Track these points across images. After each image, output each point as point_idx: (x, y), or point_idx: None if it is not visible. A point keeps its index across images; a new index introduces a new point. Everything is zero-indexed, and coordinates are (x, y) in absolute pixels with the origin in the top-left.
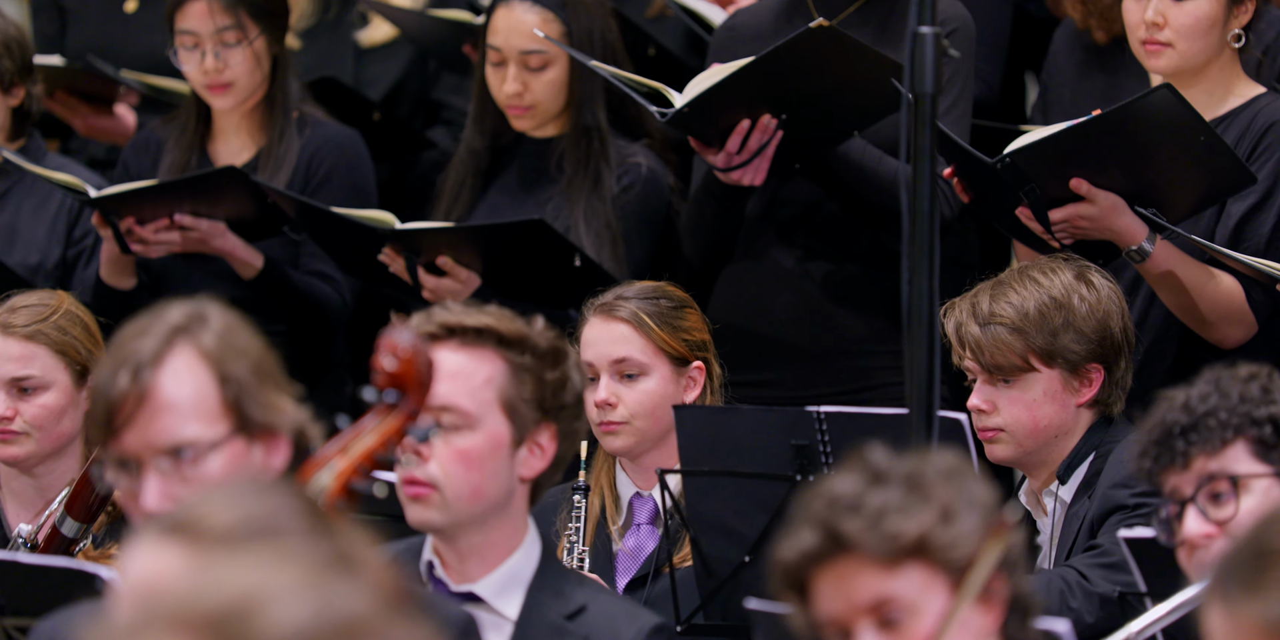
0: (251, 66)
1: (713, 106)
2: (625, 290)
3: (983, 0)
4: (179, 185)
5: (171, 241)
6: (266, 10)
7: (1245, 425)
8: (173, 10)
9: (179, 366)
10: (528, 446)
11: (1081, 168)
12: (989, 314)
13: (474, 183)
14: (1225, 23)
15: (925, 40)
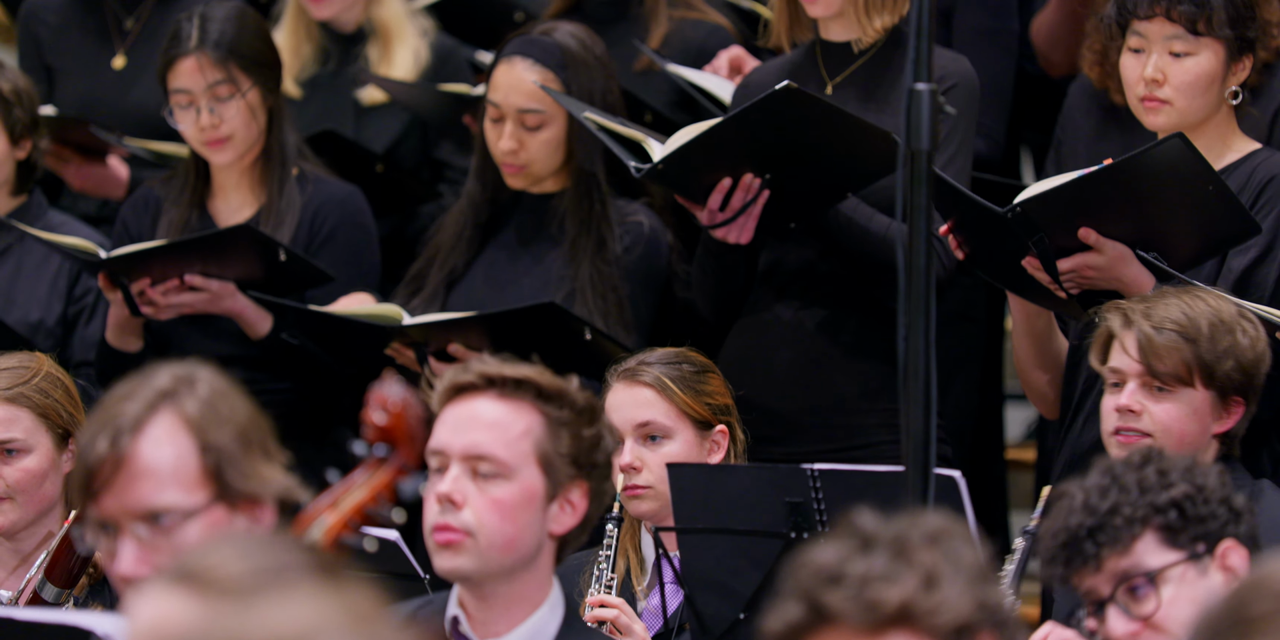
0: (247, 119)
1: (690, 165)
2: (648, 356)
3: (986, 56)
4: (191, 244)
5: (183, 304)
6: (257, 62)
7: (1150, 515)
8: (164, 71)
9: (159, 433)
10: (559, 502)
11: (1090, 217)
12: (1164, 318)
13: (472, 235)
14: (1223, 80)
15: (921, 97)
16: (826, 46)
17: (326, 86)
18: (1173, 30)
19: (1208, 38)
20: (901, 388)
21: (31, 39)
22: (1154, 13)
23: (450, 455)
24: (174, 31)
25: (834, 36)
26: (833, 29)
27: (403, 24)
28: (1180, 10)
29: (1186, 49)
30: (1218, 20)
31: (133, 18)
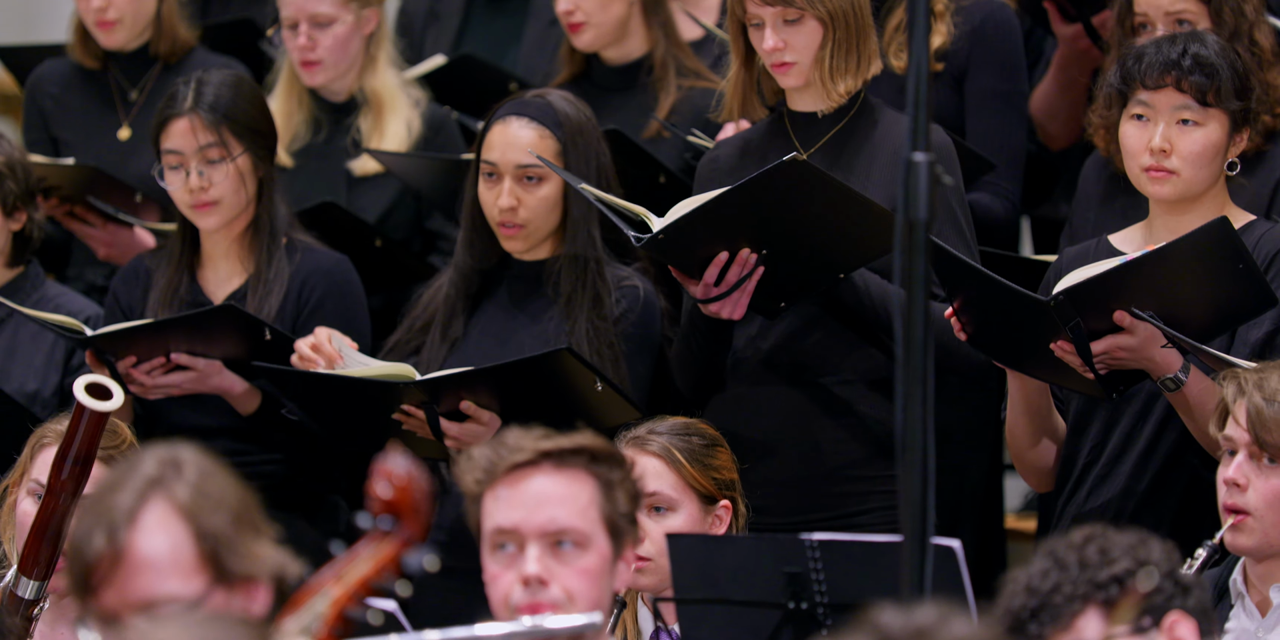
0: (236, 184)
1: (690, 236)
2: (658, 425)
3: (1000, 119)
4: (175, 323)
5: (170, 384)
6: (250, 128)
7: (1091, 592)
8: (157, 132)
9: (153, 523)
10: (623, 560)
11: (1124, 299)
12: (1276, 390)
13: (464, 306)
14: (1225, 151)
15: (919, 167)
16: (795, 116)
17: (318, 156)
18: (1182, 100)
19: (1215, 109)
20: (900, 457)
21: (36, 110)
22: (1163, 83)
23: (526, 534)
24: (171, 94)
25: (803, 107)
26: (802, 99)
27: (395, 93)
28: (1191, 81)
29: (1195, 119)
30: (1225, 92)
31: (137, 89)
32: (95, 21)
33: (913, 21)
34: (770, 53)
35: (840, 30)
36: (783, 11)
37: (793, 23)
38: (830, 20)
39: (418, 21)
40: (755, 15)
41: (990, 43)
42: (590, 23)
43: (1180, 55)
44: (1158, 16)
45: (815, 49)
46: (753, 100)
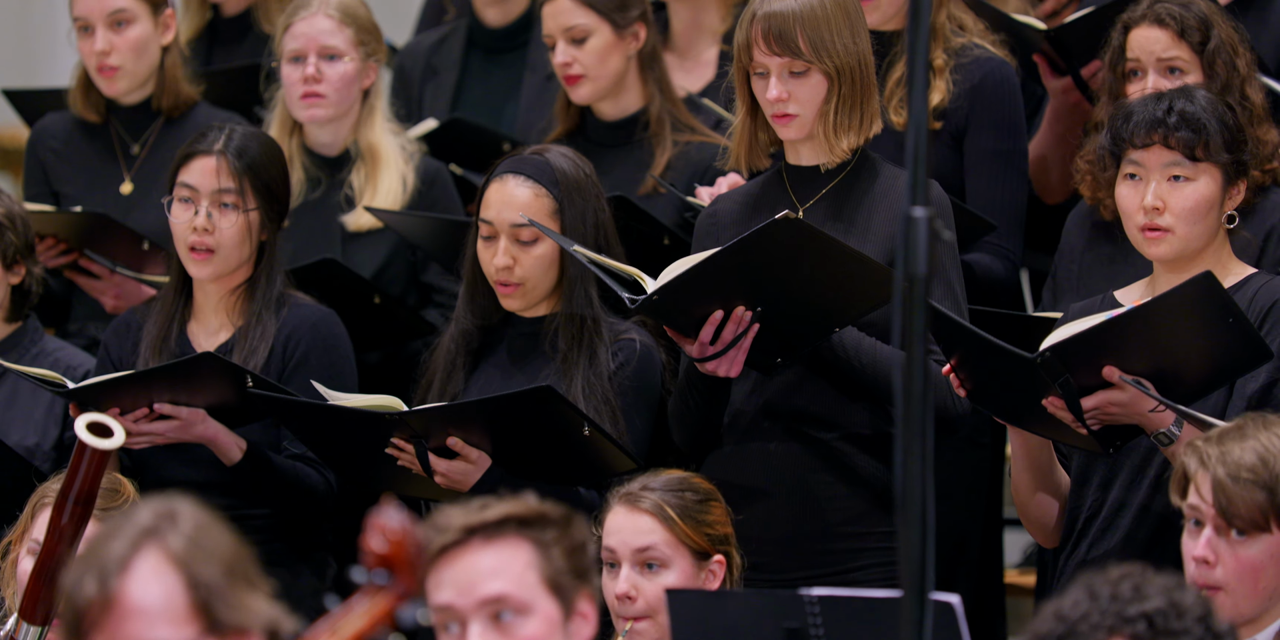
0: (239, 237)
1: (685, 296)
2: (651, 480)
3: (1000, 177)
4: (158, 373)
5: (154, 432)
6: (269, 188)
7: (1119, 625)
8: (180, 162)
9: (146, 571)
10: (575, 618)
11: (1112, 356)
12: (1240, 465)
13: (465, 363)
14: (1220, 205)
15: (918, 223)
16: (794, 170)
17: (312, 212)
18: (1171, 157)
19: (1206, 163)
20: (899, 512)
21: (37, 164)
22: (1151, 141)
23: (464, 611)
24: (201, 133)
25: (802, 161)
26: (801, 153)
27: (389, 147)
28: (1178, 137)
29: (1186, 175)
30: (1215, 145)
31: (139, 143)
32: (97, 66)
33: (912, 77)
34: (773, 103)
35: (846, 86)
36: (789, 63)
37: (798, 75)
38: (836, 75)
39: (415, 76)
40: (761, 64)
41: (989, 101)
42: (588, 77)
43: (1166, 112)
44: (1149, 62)
45: (819, 103)
46: (757, 150)
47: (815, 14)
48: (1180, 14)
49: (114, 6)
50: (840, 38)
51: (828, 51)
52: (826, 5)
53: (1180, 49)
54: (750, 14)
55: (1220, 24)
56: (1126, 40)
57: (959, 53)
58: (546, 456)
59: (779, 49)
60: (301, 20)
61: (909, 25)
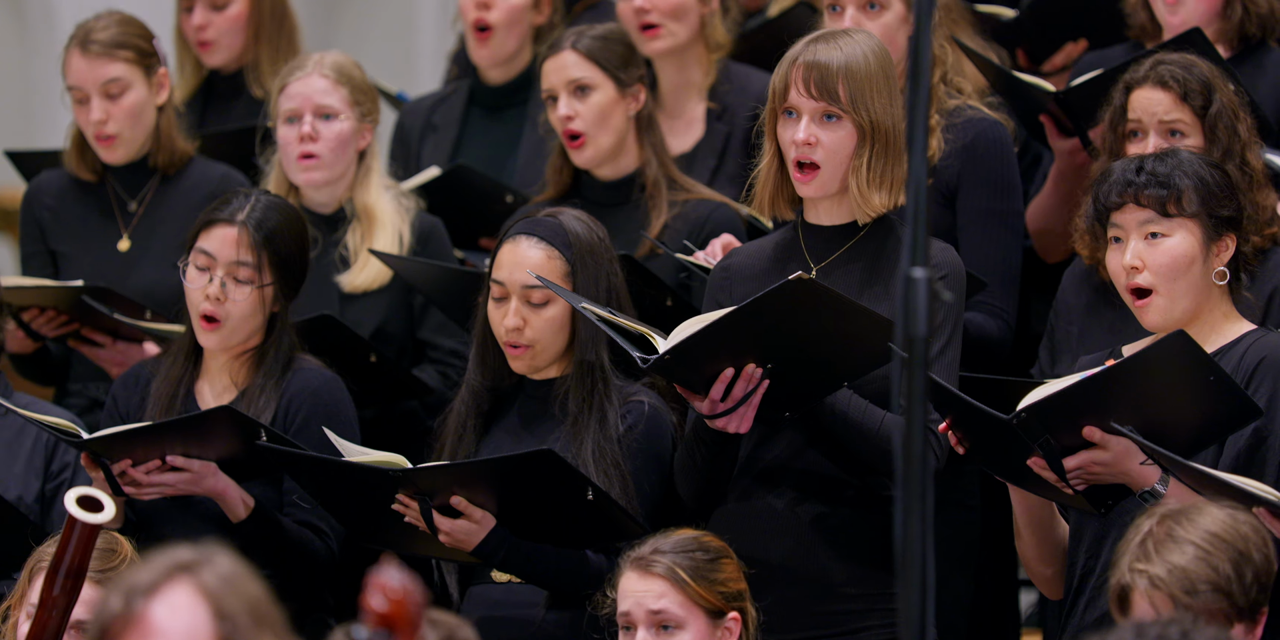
0: (250, 310)
1: (696, 354)
2: (662, 543)
3: (993, 237)
4: (172, 426)
5: (165, 484)
6: (287, 264)
7: None
8: (201, 227)
9: (176, 599)
10: None
11: (1093, 415)
12: (1174, 577)
13: (475, 424)
14: (1205, 260)
15: (918, 284)
16: (810, 229)
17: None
18: (1144, 215)
19: (1180, 218)
20: (900, 574)
21: (34, 223)
22: (1124, 200)
23: None
24: (226, 198)
25: (820, 220)
26: (819, 211)
27: (385, 206)
28: (1147, 194)
29: (1161, 231)
30: (1188, 200)
31: (136, 200)
32: (95, 134)
33: (911, 139)
34: (799, 145)
35: (880, 143)
36: (824, 107)
37: (830, 122)
38: (870, 129)
39: (414, 133)
40: (794, 106)
41: (982, 160)
42: (589, 135)
43: (1136, 172)
44: (1151, 124)
45: (845, 155)
46: (781, 201)
47: (858, 67)
48: (1183, 77)
49: (107, 75)
50: (879, 95)
51: (865, 105)
52: (870, 61)
53: (1182, 112)
54: (792, 57)
55: (1222, 88)
56: (1128, 100)
57: (951, 113)
58: (551, 519)
59: (817, 93)
60: (297, 80)
61: (908, 87)
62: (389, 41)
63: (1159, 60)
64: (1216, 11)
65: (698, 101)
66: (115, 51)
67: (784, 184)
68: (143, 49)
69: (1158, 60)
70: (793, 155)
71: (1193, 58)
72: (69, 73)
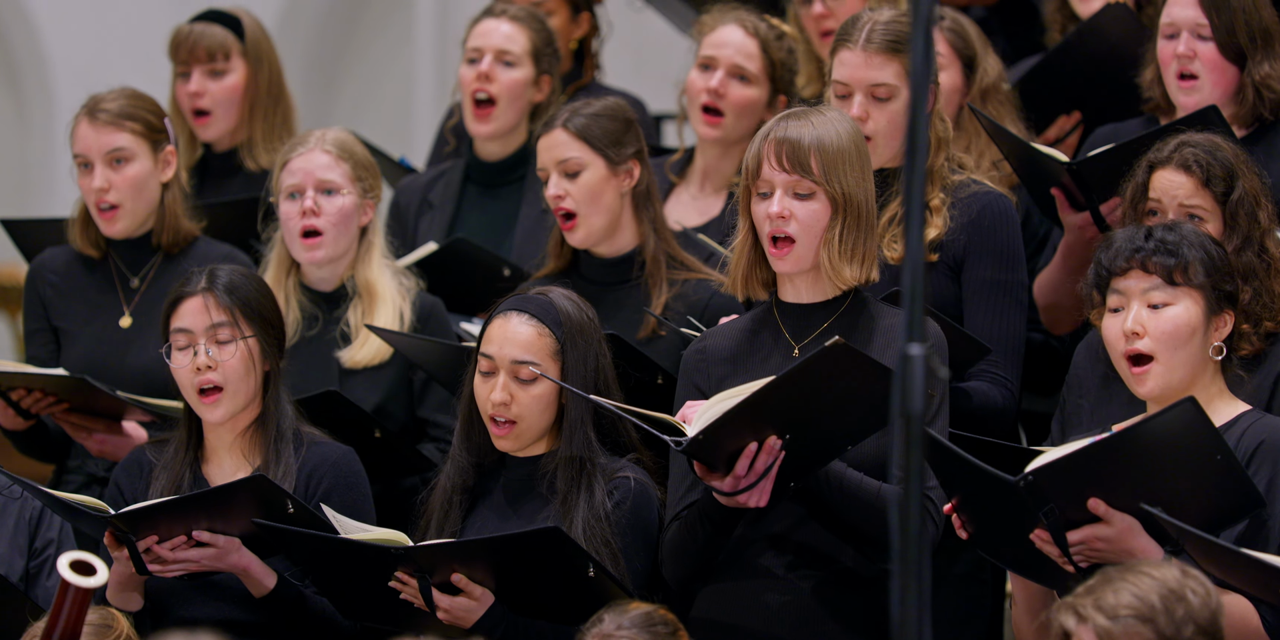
0: (244, 367)
1: (725, 431)
2: (623, 618)
3: (998, 308)
4: (200, 499)
5: (190, 560)
6: (261, 316)
7: None
8: (169, 311)
9: None
10: None
11: (1098, 487)
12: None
13: (461, 500)
14: (1205, 334)
15: (915, 361)
16: (786, 307)
17: (308, 349)
18: (1150, 282)
19: (1185, 288)
20: None
21: (37, 299)
22: (1130, 266)
23: None
24: (185, 278)
25: (798, 297)
26: (797, 289)
27: (386, 284)
28: (1155, 262)
29: (1164, 299)
30: (1194, 270)
31: (139, 277)
32: (96, 203)
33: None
34: (773, 219)
35: (851, 216)
36: (796, 182)
37: (803, 197)
38: (843, 202)
39: (411, 211)
40: (767, 182)
41: (987, 232)
42: (581, 215)
43: (1145, 239)
44: (1170, 205)
45: (819, 229)
46: (755, 281)
47: (830, 142)
48: (1207, 161)
49: (113, 144)
50: (851, 169)
51: (838, 178)
52: (842, 137)
53: (1202, 197)
54: (764, 133)
55: (1246, 173)
56: (1150, 179)
57: (956, 189)
58: (550, 596)
59: (789, 167)
60: (299, 156)
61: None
62: (387, 114)
63: (1184, 142)
64: (1230, 95)
65: (724, 186)
66: (122, 122)
67: (757, 263)
68: (151, 124)
69: (1183, 142)
70: (767, 230)
71: (1218, 140)
72: (75, 141)
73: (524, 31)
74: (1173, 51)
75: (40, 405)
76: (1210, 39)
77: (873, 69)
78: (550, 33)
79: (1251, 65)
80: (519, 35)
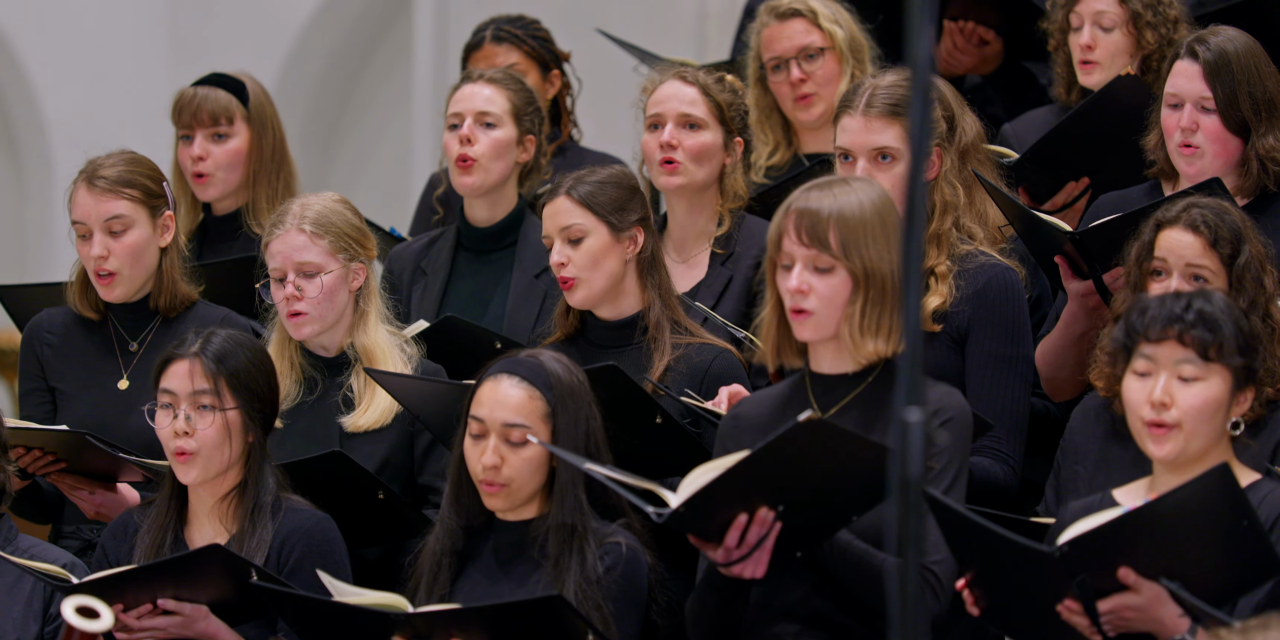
0: (219, 438)
1: (709, 503)
2: None
3: (1002, 382)
4: (162, 567)
5: (156, 628)
6: (248, 387)
7: None
8: (159, 370)
9: None
10: None
11: (1127, 556)
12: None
13: (450, 563)
14: (1228, 409)
15: (913, 426)
16: (817, 378)
17: (310, 414)
18: (1184, 354)
19: (1218, 364)
20: None
21: (34, 358)
22: (1166, 336)
23: None
24: (180, 340)
25: (824, 368)
26: (824, 359)
27: (386, 349)
28: (1193, 335)
29: (1196, 374)
30: (1228, 348)
31: (137, 341)
32: (94, 270)
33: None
34: (792, 294)
35: (874, 290)
36: (816, 256)
37: (823, 271)
38: (864, 277)
39: (404, 279)
40: (788, 255)
41: (993, 305)
42: (581, 279)
43: (1184, 309)
44: (1177, 265)
45: (840, 303)
46: (788, 348)
47: (851, 214)
48: (1215, 223)
49: (111, 212)
50: (874, 242)
51: (858, 252)
52: (865, 208)
53: (1209, 258)
54: (786, 205)
55: (1253, 239)
56: (1156, 238)
57: (963, 259)
58: None
59: (808, 241)
60: (276, 238)
61: (903, 229)
62: (385, 176)
63: (1192, 203)
64: (1233, 167)
65: (705, 246)
66: (121, 189)
67: (787, 333)
68: (149, 189)
69: (1191, 203)
70: (788, 303)
71: (1225, 205)
72: (74, 207)
73: (503, 93)
74: (1176, 122)
75: (38, 465)
76: (1214, 111)
77: (874, 133)
78: (531, 93)
79: (1255, 137)
80: (498, 97)
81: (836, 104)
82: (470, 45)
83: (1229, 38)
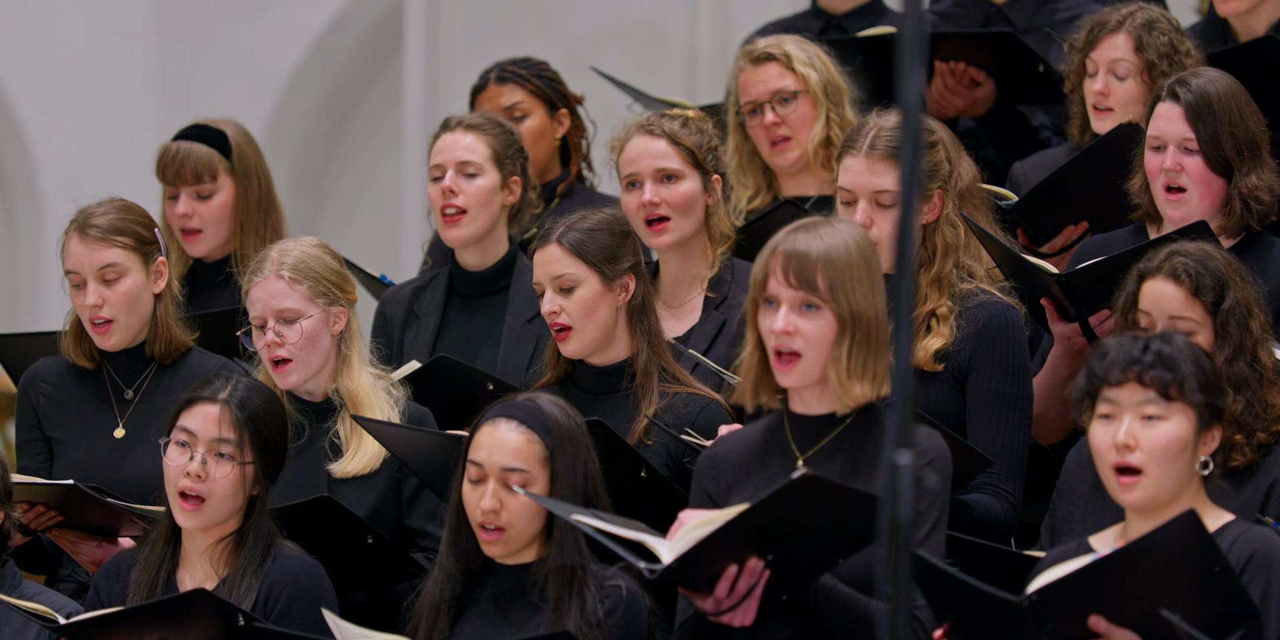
0: (231, 489)
1: (701, 557)
2: None
3: (1002, 420)
4: (149, 610)
5: None
6: (267, 445)
7: None
8: (182, 406)
9: None
10: None
11: (1098, 604)
12: None
13: (449, 608)
14: (1194, 448)
15: (902, 470)
16: (796, 418)
17: (298, 458)
18: (1144, 395)
19: (1179, 403)
20: None
21: (30, 409)
22: (1125, 378)
23: None
24: (207, 380)
25: (806, 409)
26: (805, 400)
27: (371, 392)
28: (1152, 375)
29: (1159, 413)
30: (1189, 386)
31: (132, 389)
32: (90, 319)
33: (899, 321)
34: (778, 335)
35: (861, 333)
36: (803, 297)
37: (809, 312)
38: (851, 320)
39: (396, 322)
40: (773, 295)
41: (993, 344)
42: (575, 329)
43: (1142, 351)
44: (1160, 317)
45: (825, 345)
46: (766, 390)
47: (838, 256)
48: (1196, 271)
49: (105, 261)
50: (860, 285)
51: (845, 295)
52: (851, 251)
53: (1192, 309)
54: (772, 247)
55: (1237, 283)
56: (1140, 289)
57: (964, 298)
58: None
59: (795, 282)
60: (255, 285)
61: (897, 267)
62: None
63: (1174, 251)
64: (1217, 208)
65: (698, 290)
66: (113, 237)
67: (766, 374)
68: (141, 236)
69: (1173, 251)
70: (772, 344)
71: (1210, 249)
72: (66, 257)
73: (482, 138)
74: (1160, 164)
75: (40, 521)
76: (1197, 152)
77: (875, 175)
78: (512, 134)
79: (1238, 177)
80: (477, 144)
81: (840, 144)
82: (476, 88)
83: (1210, 79)
